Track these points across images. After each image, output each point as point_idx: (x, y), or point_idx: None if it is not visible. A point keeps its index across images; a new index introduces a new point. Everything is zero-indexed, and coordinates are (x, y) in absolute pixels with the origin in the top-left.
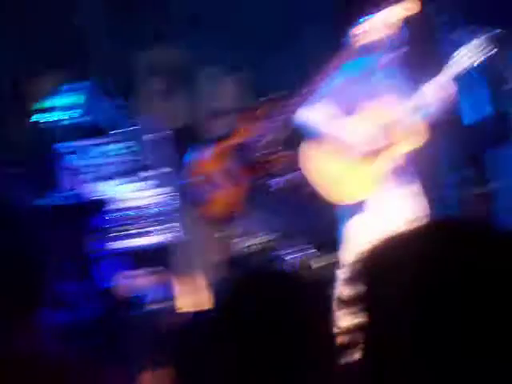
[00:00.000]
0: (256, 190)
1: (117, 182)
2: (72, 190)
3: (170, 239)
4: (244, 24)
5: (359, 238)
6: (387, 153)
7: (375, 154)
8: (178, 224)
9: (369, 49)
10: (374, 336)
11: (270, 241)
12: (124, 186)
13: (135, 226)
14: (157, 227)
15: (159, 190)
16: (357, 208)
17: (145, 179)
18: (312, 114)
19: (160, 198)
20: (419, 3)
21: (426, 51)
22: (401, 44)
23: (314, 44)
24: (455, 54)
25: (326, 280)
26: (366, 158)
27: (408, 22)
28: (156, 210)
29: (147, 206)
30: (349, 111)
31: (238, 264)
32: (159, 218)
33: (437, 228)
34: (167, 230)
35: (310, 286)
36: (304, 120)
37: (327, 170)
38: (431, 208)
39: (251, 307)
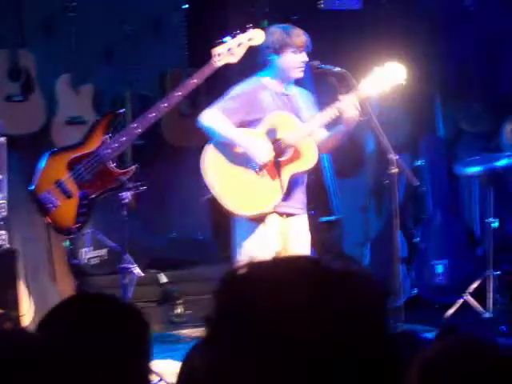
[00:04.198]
0: (103, 201)
1: None
2: None
3: None
4: (93, 33)
5: (252, 251)
6: (284, 169)
7: (273, 168)
8: (6, 232)
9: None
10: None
11: (114, 253)
12: None
13: None
14: None
15: None
16: (253, 221)
17: None
18: (217, 119)
19: None
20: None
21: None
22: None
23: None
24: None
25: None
26: (264, 172)
27: None
28: None
29: None
30: (248, 123)
31: (79, 275)
32: None
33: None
34: None
35: None
36: (208, 124)
37: (228, 178)
38: None
39: None
